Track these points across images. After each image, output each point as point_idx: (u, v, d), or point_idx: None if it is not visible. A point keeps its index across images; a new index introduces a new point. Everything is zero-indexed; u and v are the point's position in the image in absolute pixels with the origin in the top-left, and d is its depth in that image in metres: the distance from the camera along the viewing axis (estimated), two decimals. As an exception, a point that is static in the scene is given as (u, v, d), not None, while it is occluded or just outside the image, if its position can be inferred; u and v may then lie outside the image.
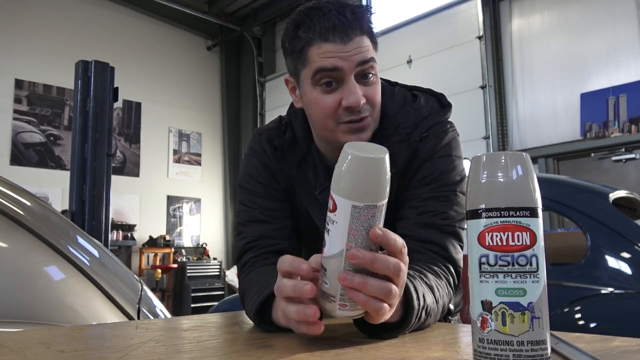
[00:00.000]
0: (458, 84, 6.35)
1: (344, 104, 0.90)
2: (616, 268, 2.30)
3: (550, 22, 6.04)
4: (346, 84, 0.90)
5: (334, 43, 0.88)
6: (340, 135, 0.94)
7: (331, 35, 0.88)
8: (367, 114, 0.93)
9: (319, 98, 0.93)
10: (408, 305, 0.70)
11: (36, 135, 7.47)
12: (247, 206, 1.05)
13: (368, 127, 0.94)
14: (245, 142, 9.35)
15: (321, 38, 0.89)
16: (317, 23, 0.89)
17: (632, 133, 5.30)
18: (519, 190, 0.49)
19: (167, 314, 1.59)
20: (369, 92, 0.92)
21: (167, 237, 8.35)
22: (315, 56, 0.90)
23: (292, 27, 0.94)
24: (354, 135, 0.94)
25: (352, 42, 0.89)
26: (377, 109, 0.96)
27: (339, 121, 0.93)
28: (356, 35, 0.89)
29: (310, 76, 0.92)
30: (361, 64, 0.90)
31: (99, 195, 3.56)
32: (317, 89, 0.92)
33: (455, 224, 0.94)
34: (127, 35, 8.47)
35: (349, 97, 0.90)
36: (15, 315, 1.19)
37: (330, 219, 0.61)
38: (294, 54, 0.94)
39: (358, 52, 0.89)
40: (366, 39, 0.91)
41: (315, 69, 0.90)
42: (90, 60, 3.76)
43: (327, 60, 0.89)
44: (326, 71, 0.90)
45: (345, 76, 0.90)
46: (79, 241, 1.43)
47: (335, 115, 0.92)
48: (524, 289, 0.47)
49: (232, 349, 0.68)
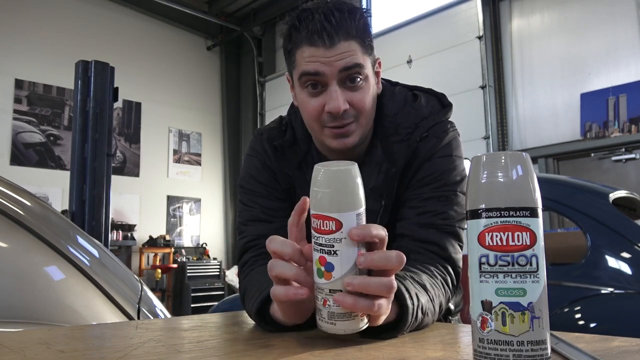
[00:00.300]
0: (458, 84, 6.35)
1: (325, 109, 0.91)
2: (616, 268, 2.30)
3: (550, 22, 6.04)
4: (329, 89, 0.90)
5: (317, 47, 0.88)
6: (325, 138, 0.95)
7: (315, 39, 0.88)
8: (351, 119, 0.93)
9: (305, 100, 0.94)
10: (402, 305, 0.70)
11: (36, 135, 7.46)
12: (248, 206, 1.05)
13: (352, 132, 0.94)
14: (245, 142, 9.35)
15: (307, 41, 0.89)
16: (304, 26, 0.89)
17: (632, 133, 5.30)
18: (519, 190, 0.49)
19: (167, 314, 1.59)
20: (355, 97, 0.92)
21: (167, 237, 8.34)
22: (300, 59, 0.91)
23: (287, 27, 0.94)
24: (337, 140, 0.94)
25: (336, 47, 0.88)
26: (366, 114, 0.95)
27: (324, 125, 0.93)
28: (341, 40, 0.88)
29: (297, 78, 0.93)
30: (345, 70, 0.89)
31: (99, 195, 3.56)
32: (304, 91, 0.93)
33: (455, 224, 0.94)
34: (127, 35, 8.47)
35: (329, 102, 0.90)
36: (15, 315, 1.19)
37: (335, 239, 0.61)
38: (286, 54, 0.96)
39: (341, 57, 0.88)
40: (353, 44, 0.90)
41: (300, 72, 0.92)
42: (90, 60, 3.76)
43: (310, 65, 0.89)
44: (309, 75, 0.90)
45: (328, 81, 0.90)
46: (79, 241, 1.43)
47: (319, 118, 0.93)
48: (524, 289, 0.47)
49: (232, 349, 0.68)
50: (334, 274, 0.62)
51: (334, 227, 0.61)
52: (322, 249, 0.62)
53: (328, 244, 0.62)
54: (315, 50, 0.89)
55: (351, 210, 0.62)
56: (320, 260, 0.62)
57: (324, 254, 0.62)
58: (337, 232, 0.61)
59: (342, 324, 0.63)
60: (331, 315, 0.63)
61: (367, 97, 0.94)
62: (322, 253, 0.62)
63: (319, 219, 0.62)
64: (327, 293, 0.63)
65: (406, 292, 0.71)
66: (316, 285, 0.64)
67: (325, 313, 0.63)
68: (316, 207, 0.63)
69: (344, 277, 0.61)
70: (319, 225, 0.62)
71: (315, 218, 0.63)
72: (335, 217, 0.61)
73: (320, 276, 0.63)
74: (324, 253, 0.62)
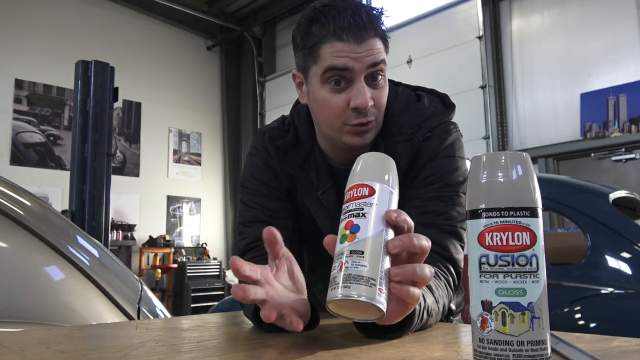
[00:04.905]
0: (458, 84, 6.34)
1: (352, 105, 0.90)
2: (616, 268, 2.30)
3: (550, 22, 6.04)
4: (355, 84, 0.90)
5: (347, 42, 0.88)
6: (345, 135, 0.94)
7: (345, 35, 0.88)
8: (373, 117, 0.93)
9: (327, 97, 0.92)
10: None
11: (36, 135, 7.46)
12: (249, 206, 1.05)
13: (372, 129, 0.94)
14: (245, 142, 9.35)
15: (335, 36, 0.89)
16: (331, 21, 0.88)
17: (632, 133, 5.30)
18: (519, 190, 0.49)
19: (167, 314, 1.58)
20: (377, 95, 0.92)
21: (167, 237, 8.34)
22: (327, 54, 0.90)
23: (305, 22, 0.93)
24: (359, 137, 0.94)
25: (365, 43, 0.88)
26: (382, 113, 0.96)
27: (346, 122, 0.92)
28: (370, 37, 0.89)
29: (320, 73, 0.91)
30: (372, 66, 0.89)
31: (99, 195, 3.56)
32: (326, 87, 0.92)
33: (457, 224, 0.94)
34: (127, 35, 8.47)
35: (357, 98, 0.89)
36: (15, 315, 1.19)
37: (366, 203, 0.61)
38: (305, 50, 0.94)
39: (370, 54, 0.89)
40: (379, 42, 0.90)
41: (326, 67, 0.90)
42: (90, 60, 3.76)
43: (338, 59, 0.88)
44: (337, 70, 0.89)
45: (355, 77, 0.90)
46: (79, 241, 1.43)
47: (342, 115, 0.92)
48: (524, 289, 0.47)
49: (232, 349, 0.68)
50: (359, 235, 0.60)
51: (367, 192, 0.62)
52: (350, 214, 0.62)
53: (358, 207, 0.61)
54: (344, 45, 0.88)
55: (386, 184, 0.63)
56: (347, 225, 0.61)
57: (352, 217, 0.61)
58: (369, 197, 0.62)
59: (357, 287, 0.57)
60: (347, 277, 0.58)
61: (385, 97, 0.95)
62: (350, 217, 0.62)
63: (353, 189, 0.63)
64: (347, 255, 0.59)
65: None
66: (335, 255, 0.62)
67: (340, 277, 0.58)
68: (353, 181, 0.64)
69: (367, 241, 0.59)
70: (352, 194, 0.63)
71: (350, 190, 0.63)
72: (369, 184, 0.62)
73: (342, 242, 0.61)
74: (351, 217, 0.61)
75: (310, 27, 0.91)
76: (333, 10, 0.89)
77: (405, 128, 0.99)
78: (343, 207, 0.63)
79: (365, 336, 0.70)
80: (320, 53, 0.91)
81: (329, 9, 0.90)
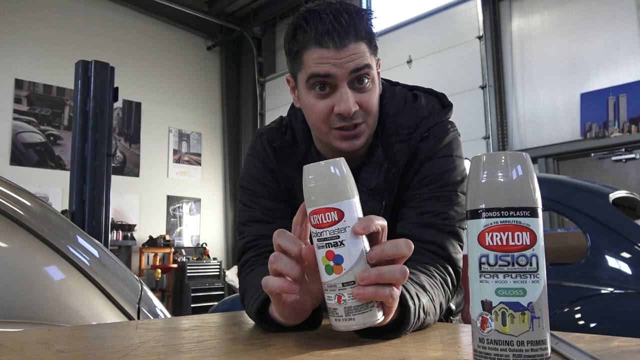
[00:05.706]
0: (458, 84, 6.35)
1: (335, 111, 0.90)
2: (616, 268, 2.30)
3: (550, 22, 6.04)
4: (339, 90, 0.90)
5: (327, 49, 0.88)
6: (333, 140, 0.95)
7: (325, 41, 0.87)
8: (360, 120, 0.92)
9: (312, 102, 0.93)
10: (403, 305, 0.70)
11: (36, 135, 7.46)
12: (248, 206, 1.05)
13: (362, 133, 0.94)
14: (245, 142, 9.36)
15: (316, 43, 0.88)
16: (313, 27, 0.88)
17: (632, 133, 5.30)
18: (519, 190, 0.49)
19: (167, 314, 1.59)
20: (364, 98, 0.92)
21: (167, 237, 8.34)
22: (309, 60, 0.90)
23: (291, 28, 0.93)
24: (347, 142, 0.94)
25: (347, 48, 0.88)
26: (373, 115, 0.95)
27: (332, 126, 0.93)
28: (351, 42, 0.88)
29: (305, 80, 0.92)
30: (355, 71, 0.89)
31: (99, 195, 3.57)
32: (312, 92, 0.92)
33: (456, 224, 0.94)
34: (127, 35, 8.47)
35: (340, 104, 0.89)
36: (15, 315, 1.19)
37: (339, 229, 0.60)
38: (291, 56, 0.94)
39: (352, 59, 0.88)
40: (362, 45, 0.90)
41: (309, 74, 0.90)
42: (90, 60, 3.76)
43: (320, 67, 0.89)
44: (319, 77, 0.89)
45: (339, 82, 0.90)
46: (79, 241, 1.43)
47: (328, 120, 0.93)
48: (524, 289, 0.47)
49: (232, 349, 0.68)
50: (344, 265, 0.60)
51: (336, 217, 0.61)
52: (327, 243, 0.61)
53: (333, 235, 0.60)
54: (325, 51, 0.88)
55: (350, 198, 0.62)
56: (328, 255, 0.61)
57: (331, 247, 0.61)
58: (340, 221, 0.60)
59: (361, 316, 0.61)
60: (348, 310, 0.61)
61: (375, 98, 0.94)
62: (328, 247, 0.61)
63: (319, 214, 0.61)
64: (340, 288, 0.61)
65: (406, 292, 0.71)
66: (326, 284, 0.62)
67: (342, 310, 0.61)
68: (314, 203, 0.62)
69: (354, 268, 0.60)
70: (320, 219, 0.61)
71: (315, 214, 0.62)
72: (336, 207, 0.61)
73: (329, 272, 0.61)
74: (330, 247, 0.61)
75: (295, 33, 0.92)
76: (315, 16, 0.89)
77: (402, 128, 0.99)
78: (314, 230, 0.62)
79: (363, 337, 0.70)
80: (304, 60, 0.91)
81: (312, 15, 0.89)
